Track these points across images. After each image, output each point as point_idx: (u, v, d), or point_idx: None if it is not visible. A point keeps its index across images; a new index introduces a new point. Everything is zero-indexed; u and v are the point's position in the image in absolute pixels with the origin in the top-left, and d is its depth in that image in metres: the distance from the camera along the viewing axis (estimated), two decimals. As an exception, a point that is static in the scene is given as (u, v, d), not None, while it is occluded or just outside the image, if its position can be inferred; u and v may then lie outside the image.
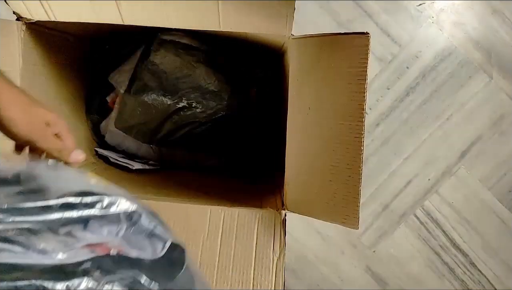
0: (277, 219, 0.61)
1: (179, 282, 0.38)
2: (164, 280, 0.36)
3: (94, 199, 0.36)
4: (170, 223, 0.57)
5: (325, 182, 0.55)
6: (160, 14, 0.56)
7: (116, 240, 0.37)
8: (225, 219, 0.60)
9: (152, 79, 0.88)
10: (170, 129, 0.92)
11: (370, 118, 1.16)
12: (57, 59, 0.78)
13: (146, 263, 0.37)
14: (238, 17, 0.55)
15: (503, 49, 1.12)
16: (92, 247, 0.35)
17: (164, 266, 0.38)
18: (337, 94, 0.51)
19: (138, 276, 0.34)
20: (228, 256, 0.56)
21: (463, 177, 1.17)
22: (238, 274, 0.54)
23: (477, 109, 1.14)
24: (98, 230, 0.36)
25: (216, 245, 0.57)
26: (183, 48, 0.90)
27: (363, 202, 1.18)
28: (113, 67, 0.93)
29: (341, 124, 0.52)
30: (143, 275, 0.34)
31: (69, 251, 0.33)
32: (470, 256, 1.19)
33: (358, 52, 0.49)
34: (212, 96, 0.89)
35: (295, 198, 0.60)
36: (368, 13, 1.11)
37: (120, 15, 0.57)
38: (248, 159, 1.00)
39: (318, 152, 0.55)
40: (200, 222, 0.60)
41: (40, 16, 0.61)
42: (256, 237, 0.58)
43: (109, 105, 0.93)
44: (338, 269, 1.20)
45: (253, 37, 0.72)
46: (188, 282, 0.39)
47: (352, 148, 0.51)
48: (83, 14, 0.59)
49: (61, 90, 0.82)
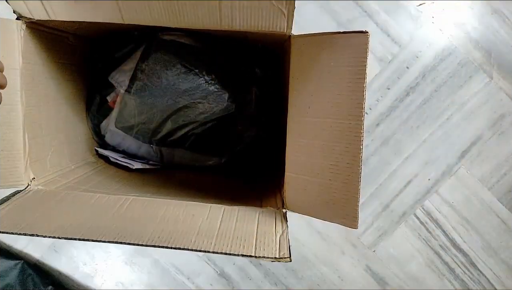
0: (278, 214, 0.61)
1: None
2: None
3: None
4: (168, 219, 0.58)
5: (324, 181, 0.55)
6: (160, 12, 0.57)
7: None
8: (225, 212, 0.60)
9: (153, 79, 0.88)
10: (170, 129, 0.92)
11: (370, 118, 1.16)
12: (58, 58, 0.78)
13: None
14: (238, 16, 0.55)
15: (503, 49, 1.12)
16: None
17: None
18: (337, 93, 0.51)
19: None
20: (229, 229, 0.56)
21: (463, 177, 1.17)
22: (240, 240, 0.53)
23: (477, 109, 1.14)
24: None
25: (216, 224, 0.57)
26: (183, 48, 0.90)
27: (363, 202, 1.18)
28: (113, 67, 0.93)
29: (341, 123, 0.52)
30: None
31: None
32: (470, 256, 1.19)
33: (357, 51, 0.49)
34: (212, 96, 0.89)
35: (295, 197, 0.61)
36: (368, 13, 1.12)
37: (121, 14, 0.58)
38: (248, 159, 1.00)
39: (318, 151, 0.55)
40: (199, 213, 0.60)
41: (40, 16, 0.61)
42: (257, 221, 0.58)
43: (110, 105, 0.94)
44: (338, 269, 1.20)
45: (253, 37, 0.72)
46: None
47: (351, 147, 0.51)
48: (84, 13, 0.59)
49: (61, 90, 0.82)
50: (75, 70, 0.87)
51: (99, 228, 0.55)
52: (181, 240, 0.53)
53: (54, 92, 0.79)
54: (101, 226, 0.55)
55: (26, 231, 0.54)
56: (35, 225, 0.55)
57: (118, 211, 0.60)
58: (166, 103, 0.89)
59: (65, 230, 0.54)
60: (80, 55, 0.89)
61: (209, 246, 0.52)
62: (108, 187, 0.76)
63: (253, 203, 0.66)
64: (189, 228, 0.56)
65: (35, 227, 0.55)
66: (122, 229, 0.55)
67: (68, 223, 0.56)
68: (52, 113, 0.78)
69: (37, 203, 0.62)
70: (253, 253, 0.51)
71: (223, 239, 0.53)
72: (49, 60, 0.75)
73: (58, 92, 0.81)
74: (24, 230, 0.54)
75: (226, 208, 0.61)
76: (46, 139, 0.76)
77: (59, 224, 0.56)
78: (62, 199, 0.63)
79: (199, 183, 0.90)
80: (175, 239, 0.53)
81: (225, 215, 0.59)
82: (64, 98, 0.84)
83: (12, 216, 0.57)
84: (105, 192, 0.69)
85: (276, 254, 0.51)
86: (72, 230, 0.54)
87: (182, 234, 0.54)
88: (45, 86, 0.75)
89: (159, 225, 0.56)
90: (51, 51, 0.75)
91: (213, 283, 1.20)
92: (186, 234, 0.54)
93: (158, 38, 0.91)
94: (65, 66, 0.82)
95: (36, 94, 0.71)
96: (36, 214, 0.58)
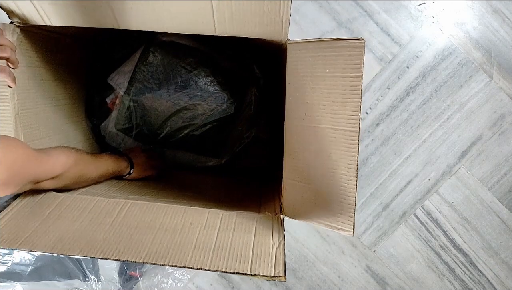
0: (275, 221, 0.61)
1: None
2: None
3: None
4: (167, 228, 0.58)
5: (321, 188, 0.55)
6: (154, 19, 0.56)
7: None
8: (222, 219, 0.60)
9: (152, 80, 0.88)
10: (170, 131, 0.92)
11: (370, 118, 1.15)
12: (55, 60, 0.78)
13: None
14: (233, 23, 0.55)
15: (503, 49, 1.11)
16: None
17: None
18: (332, 100, 0.51)
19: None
20: (226, 241, 0.56)
21: (463, 177, 1.17)
22: (236, 255, 0.54)
23: (477, 109, 1.14)
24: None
25: (213, 235, 0.57)
26: (182, 50, 0.90)
27: (363, 202, 1.18)
28: (112, 67, 0.93)
29: (337, 130, 0.52)
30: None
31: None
32: (470, 256, 1.19)
33: (352, 58, 0.48)
34: (211, 97, 0.89)
35: (292, 204, 0.61)
36: (368, 13, 1.11)
37: (116, 20, 0.57)
38: (248, 159, 1.00)
39: (315, 158, 0.55)
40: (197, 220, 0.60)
41: (35, 21, 0.61)
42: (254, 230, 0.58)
43: (109, 106, 0.94)
44: (338, 269, 1.21)
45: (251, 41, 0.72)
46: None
47: (347, 153, 0.51)
48: (79, 19, 0.59)
49: (59, 92, 0.82)
50: (73, 71, 0.87)
51: (98, 241, 0.55)
52: (178, 255, 0.53)
53: (51, 94, 0.79)
54: (100, 238, 0.55)
55: (26, 247, 0.54)
56: (35, 239, 0.55)
57: (117, 218, 0.59)
58: (165, 104, 0.89)
59: (63, 245, 0.54)
60: (79, 56, 0.89)
61: (206, 263, 0.52)
62: (108, 189, 0.76)
63: (251, 207, 0.66)
64: (186, 239, 0.56)
65: (35, 241, 0.55)
66: (121, 241, 0.55)
67: (67, 235, 0.56)
68: (51, 115, 0.78)
69: (37, 208, 0.62)
70: (249, 270, 0.52)
71: (220, 253, 0.54)
72: (45, 62, 0.74)
73: (56, 93, 0.80)
74: (23, 244, 0.54)
75: (224, 214, 0.61)
76: (45, 141, 0.76)
77: (58, 235, 0.56)
78: (62, 203, 0.63)
79: (198, 185, 0.89)
80: (172, 254, 0.53)
81: (222, 223, 0.59)
82: (63, 99, 0.84)
83: (12, 226, 0.57)
84: (104, 195, 0.69)
85: (271, 272, 0.51)
86: (71, 244, 0.54)
87: (180, 246, 0.54)
88: (42, 89, 0.75)
89: (157, 235, 0.56)
90: (48, 53, 0.74)
91: (213, 283, 1.21)
92: (183, 247, 0.54)
93: (157, 40, 0.91)
94: (63, 68, 0.82)
95: (32, 97, 0.71)
96: (36, 224, 0.58)
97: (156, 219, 0.59)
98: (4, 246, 0.53)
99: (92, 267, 1.05)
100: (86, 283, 1.05)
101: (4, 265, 0.99)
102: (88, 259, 1.04)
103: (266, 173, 0.95)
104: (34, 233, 0.56)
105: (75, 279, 1.04)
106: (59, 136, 0.81)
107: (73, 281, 1.04)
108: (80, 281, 1.05)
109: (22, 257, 1.00)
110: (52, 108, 0.79)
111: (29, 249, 0.53)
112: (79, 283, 1.05)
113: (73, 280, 1.04)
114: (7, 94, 0.64)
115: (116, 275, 1.07)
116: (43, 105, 0.75)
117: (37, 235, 0.56)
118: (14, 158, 0.52)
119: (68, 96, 0.87)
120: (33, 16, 0.59)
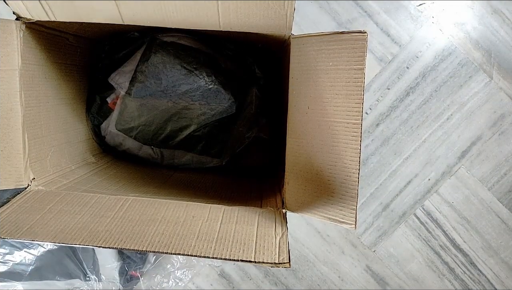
0: (277, 215, 0.61)
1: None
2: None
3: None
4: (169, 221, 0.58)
5: (323, 182, 0.56)
6: (159, 13, 0.57)
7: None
8: (225, 213, 0.60)
9: (153, 81, 0.89)
10: (171, 131, 0.92)
11: (370, 118, 1.16)
12: (57, 59, 0.78)
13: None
14: (237, 17, 0.55)
15: (503, 49, 1.12)
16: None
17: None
18: (335, 93, 0.51)
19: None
20: (229, 232, 0.56)
21: (463, 177, 1.17)
22: (239, 244, 0.54)
23: (477, 109, 1.14)
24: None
25: (216, 226, 0.57)
26: (183, 50, 0.90)
27: (363, 202, 1.18)
28: (113, 67, 0.93)
29: (339, 123, 0.52)
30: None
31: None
32: (470, 256, 1.19)
33: (355, 51, 0.49)
34: (213, 97, 0.89)
35: (294, 197, 0.61)
36: (368, 13, 1.12)
37: (120, 14, 0.58)
38: (250, 159, 1.00)
39: (317, 152, 0.55)
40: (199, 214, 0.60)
41: (39, 16, 0.61)
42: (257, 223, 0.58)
43: (110, 106, 0.94)
44: (338, 269, 1.20)
45: (253, 38, 0.72)
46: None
47: (350, 146, 0.51)
48: (83, 14, 0.59)
49: (61, 90, 0.82)
50: (75, 70, 0.87)
51: (100, 232, 0.55)
52: (181, 245, 0.53)
53: (54, 92, 0.79)
54: (102, 230, 0.55)
55: (27, 237, 0.54)
56: (36, 229, 0.55)
57: (118, 212, 0.60)
58: (166, 105, 0.89)
59: (65, 235, 0.54)
60: (81, 55, 0.89)
61: (209, 251, 0.52)
62: (109, 187, 0.76)
63: (253, 203, 0.66)
64: (189, 231, 0.56)
65: (36, 231, 0.55)
66: (123, 232, 0.55)
67: (68, 227, 0.56)
68: (52, 114, 0.78)
69: (38, 204, 0.62)
70: (253, 258, 0.51)
71: (223, 243, 0.53)
72: (49, 60, 0.75)
73: (58, 92, 0.81)
74: (25, 235, 0.54)
75: (226, 208, 0.61)
76: (46, 139, 0.75)
77: (60, 228, 0.56)
78: (63, 200, 0.63)
79: (200, 183, 0.89)
80: (175, 243, 0.53)
81: (224, 216, 0.59)
82: (64, 98, 0.84)
83: (13, 219, 0.57)
84: (105, 192, 0.69)
85: (276, 259, 0.51)
86: (72, 235, 0.54)
87: (182, 237, 0.54)
88: (45, 87, 0.75)
89: (159, 227, 0.56)
90: (51, 51, 0.75)
91: (213, 283, 1.21)
92: (186, 238, 0.54)
93: (158, 40, 0.91)
94: (65, 67, 0.82)
95: (35, 95, 0.71)
96: (37, 217, 0.58)
97: (158, 213, 0.59)
98: (5, 236, 0.53)
99: (93, 267, 1.05)
100: (86, 283, 1.05)
101: (5, 265, 0.99)
102: (89, 259, 1.04)
103: (267, 171, 0.96)
104: (35, 224, 0.56)
105: (76, 279, 1.04)
106: (60, 136, 0.81)
107: (73, 281, 1.04)
108: (81, 281, 1.05)
109: (23, 257, 1.00)
110: (54, 107, 0.79)
111: (30, 239, 0.53)
112: (80, 283, 1.05)
113: (73, 280, 1.04)
114: (17, 90, 0.65)
115: (117, 275, 1.07)
116: (45, 103, 0.75)
117: (39, 226, 0.56)
118: None
119: (70, 96, 0.87)
120: (38, 13, 0.59)
